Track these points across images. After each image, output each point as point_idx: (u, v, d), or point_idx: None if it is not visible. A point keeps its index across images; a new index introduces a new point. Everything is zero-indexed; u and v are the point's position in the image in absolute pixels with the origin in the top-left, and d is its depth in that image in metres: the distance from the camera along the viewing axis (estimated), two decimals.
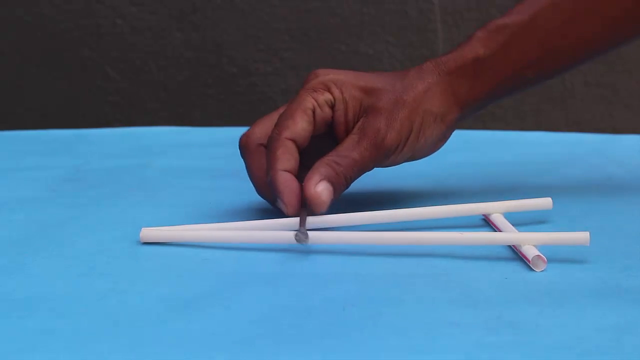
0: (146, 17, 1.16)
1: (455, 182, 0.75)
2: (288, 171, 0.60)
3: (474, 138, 0.92)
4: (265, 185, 0.62)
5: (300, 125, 0.61)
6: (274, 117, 0.64)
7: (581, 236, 0.55)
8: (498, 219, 0.62)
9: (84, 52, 1.17)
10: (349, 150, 0.61)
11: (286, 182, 0.60)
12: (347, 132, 0.63)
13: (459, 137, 0.93)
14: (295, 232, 0.57)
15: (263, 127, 0.64)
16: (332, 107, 0.63)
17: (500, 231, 0.61)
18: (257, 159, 0.63)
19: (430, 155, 0.68)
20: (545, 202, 0.64)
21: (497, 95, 0.67)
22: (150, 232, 0.59)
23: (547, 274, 0.53)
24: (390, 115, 0.62)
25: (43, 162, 0.83)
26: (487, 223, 0.64)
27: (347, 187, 0.62)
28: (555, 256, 0.55)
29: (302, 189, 0.60)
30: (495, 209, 0.63)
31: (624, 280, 0.52)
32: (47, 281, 0.53)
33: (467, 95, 0.65)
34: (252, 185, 0.64)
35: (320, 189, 0.59)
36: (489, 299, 0.50)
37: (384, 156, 0.63)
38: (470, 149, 0.87)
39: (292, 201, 0.59)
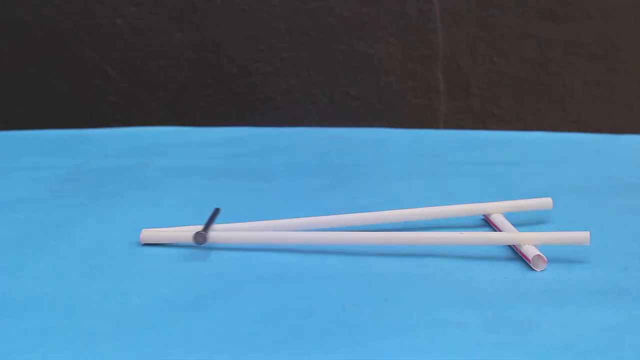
0: (146, 17, 1.16)
1: (455, 182, 0.75)
2: None
3: (474, 138, 0.92)
4: None
5: None
6: None
7: (581, 236, 0.55)
8: (498, 219, 0.62)
9: (84, 52, 1.17)
10: None
11: None
12: None
13: (459, 137, 0.93)
14: (195, 232, 0.57)
15: None
16: None
17: (500, 231, 0.61)
18: None
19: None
20: (545, 202, 0.64)
21: None
22: (150, 233, 0.59)
23: (547, 274, 0.53)
24: None
25: (43, 162, 0.83)
26: (487, 223, 0.64)
27: None
28: (556, 256, 0.55)
29: None
30: (495, 209, 0.63)
31: (624, 280, 0.52)
32: (47, 281, 0.53)
33: None
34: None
35: None
36: (489, 298, 0.50)
37: None
38: (470, 149, 0.87)
39: None
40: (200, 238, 0.57)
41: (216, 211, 0.62)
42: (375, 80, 1.17)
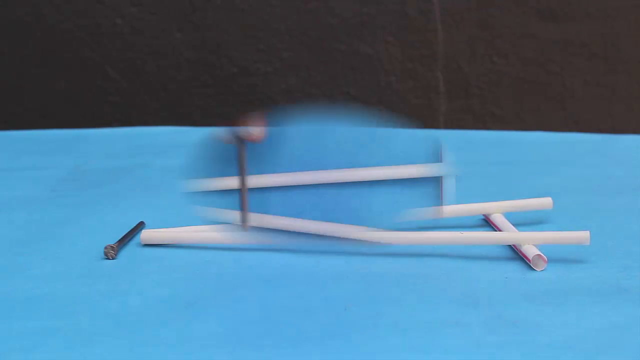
0: (146, 17, 1.16)
1: (455, 182, 0.75)
2: None
3: (474, 138, 0.92)
4: None
5: None
6: None
7: (581, 235, 0.55)
8: (498, 218, 0.62)
9: (84, 52, 1.17)
10: None
11: None
12: None
13: (459, 137, 0.93)
14: (107, 245, 0.57)
15: None
16: None
17: (500, 231, 0.61)
18: None
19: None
20: (545, 202, 0.64)
21: None
22: (150, 234, 0.59)
23: (547, 274, 0.53)
24: None
25: (43, 162, 0.83)
26: (487, 223, 0.64)
27: None
28: (556, 256, 0.55)
29: None
30: (495, 209, 0.63)
31: (624, 280, 0.52)
32: (47, 281, 0.53)
33: None
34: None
35: None
36: (489, 298, 0.50)
37: None
38: (470, 149, 0.87)
39: None
40: (110, 251, 0.57)
41: (139, 224, 0.62)
42: (375, 80, 1.17)
